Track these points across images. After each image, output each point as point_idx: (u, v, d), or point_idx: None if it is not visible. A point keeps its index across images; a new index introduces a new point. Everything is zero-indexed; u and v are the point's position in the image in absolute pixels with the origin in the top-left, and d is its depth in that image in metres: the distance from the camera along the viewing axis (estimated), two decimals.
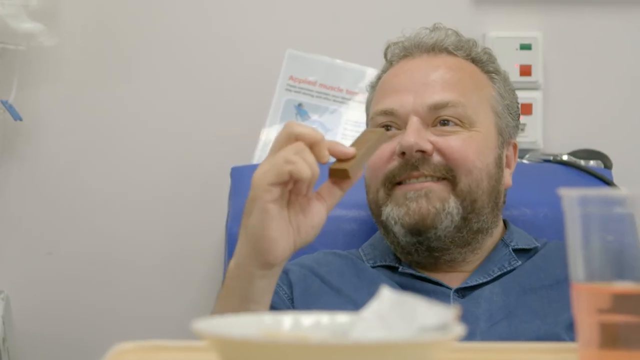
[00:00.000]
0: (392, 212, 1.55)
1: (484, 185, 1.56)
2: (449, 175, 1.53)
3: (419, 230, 1.53)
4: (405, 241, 1.55)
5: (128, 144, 2.19)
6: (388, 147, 1.55)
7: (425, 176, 1.53)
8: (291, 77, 2.11)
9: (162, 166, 2.18)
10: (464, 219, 1.54)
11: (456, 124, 1.56)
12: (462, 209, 1.53)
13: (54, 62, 2.16)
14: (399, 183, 1.55)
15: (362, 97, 1.85)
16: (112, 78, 2.18)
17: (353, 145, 1.30)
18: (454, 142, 1.55)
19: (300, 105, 2.09)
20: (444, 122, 1.55)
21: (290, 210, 1.28)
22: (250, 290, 1.30)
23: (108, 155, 2.18)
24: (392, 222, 1.55)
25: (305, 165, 1.23)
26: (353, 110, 2.07)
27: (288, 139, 1.26)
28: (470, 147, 1.55)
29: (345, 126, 2.07)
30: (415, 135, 1.53)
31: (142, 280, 2.18)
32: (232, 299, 1.33)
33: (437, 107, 1.56)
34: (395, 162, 1.55)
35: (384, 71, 1.67)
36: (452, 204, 1.53)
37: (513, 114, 1.64)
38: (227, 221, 1.87)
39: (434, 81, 1.58)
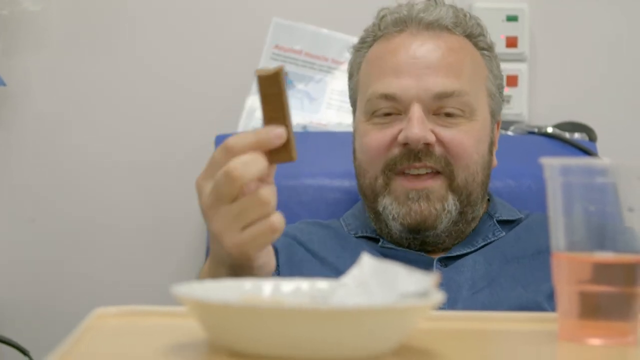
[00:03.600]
0: (391, 206, 1.53)
1: (479, 177, 1.55)
2: (447, 169, 1.52)
3: (419, 230, 1.53)
4: (399, 235, 1.55)
5: (112, 110, 2.18)
6: (388, 133, 1.52)
7: (427, 167, 1.51)
8: (276, 46, 2.10)
9: (146, 134, 2.17)
10: (461, 213, 1.54)
11: (458, 115, 1.53)
12: (459, 203, 1.53)
13: (38, 27, 2.15)
14: (399, 172, 1.53)
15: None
16: (96, 44, 2.17)
17: (265, 110, 1.13)
18: (456, 134, 1.52)
19: (285, 74, 2.08)
20: (447, 114, 1.53)
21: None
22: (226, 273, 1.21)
23: (92, 122, 2.17)
24: (390, 217, 1.53)
25: (245, 173, 1.11)
26: (338, 79, 2.07)
27: (225, 156, 1.16)
28: (470, 140, 1.53)
29: (331, 95, 2.07)
30: (420, 127, 1.49)
31: (124, 247, 2.18)
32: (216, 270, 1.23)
33: (441, 97, 1.52)
34: (395, 150, 1.52)
35: (372, 36, 1.60)
36: (451, 202, 1.52)
37: (501, 91, 1.63)
38: None
39: (437, 65, 1.53)
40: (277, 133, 1.11)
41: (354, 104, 1.63)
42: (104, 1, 2.16)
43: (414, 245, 1.55)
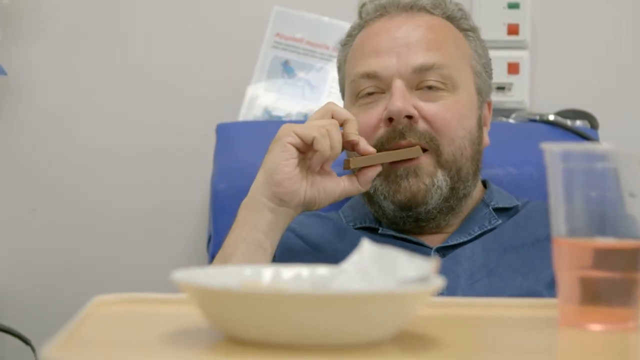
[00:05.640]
0: (381, 186, 1.54)
1: (468, 152, 1.55)
2: (432, 144, 1.52)
3: (410, 207, 1.53)
4: (393, 215, 1.55)
5: (113, 100, 2.17)
6: (375, 114, 1.54)
7: (412, 144, 1.51)
8: (278, 34, 2.09)
9: (147, 123, 2.17)
10: (452, 188, 1.54)
11: (440, 85, 1.54)
12: (450, 179, 1.53)
13: (39, 17, 2.14)
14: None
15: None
16: (97, 34, 2.17)
17: (383, 150, 1.48)
18: (439, 109, 1.53)
19: (286, 62, 2.08)
20: (429, 87, 1.54)
21: (307, 170, 1.44)
22: (258, 219, 1.43)
23: (93, 112, 2.17)
24: (381, 197, 1.54)
25: (328, 144, 1.40)
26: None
27: (325, 113, 1.45)
28: (453, 114, 1.53)
29: (332, 84, 2.06)
30: (402, 100, 1.51)
31: (126, 236, 2.18)
32: (242, 227, 1.43)
33: (421, 70, 1.54)
34: (382, 130, 1.53)
35: (356, 29, 1.64)
36: (440, 177, 1.52)
37: (489, 72, 1.63)
38: (212, 178, 1.86)
39: (417, 42, 1.56)
40: (368, 148, 1.45)
41: (343, 95, 1.64)
42: None
43: (408, 223, 1.55)
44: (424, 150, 1.52)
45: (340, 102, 2.08)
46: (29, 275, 2.18)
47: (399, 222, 1.56)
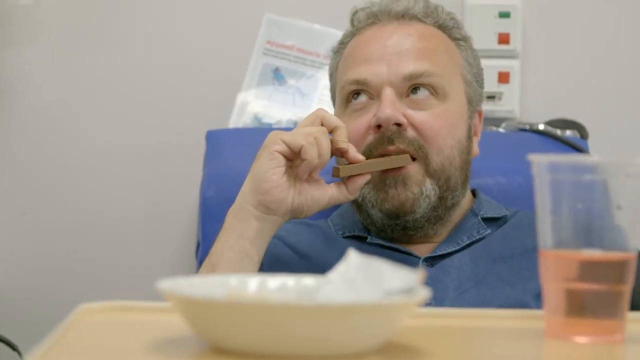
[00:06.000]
0: (369, 194, 1.53)
1: (457, 161, 1.55)
2: (420, 152, 1.52)
3: (398, 215, 1.53)
4: (381, 223, 1.55)
5: (104, 105, 2.17)
6: (364, 121, 1.53)
7: (400, 150, 1.51)
8: (269, 41, 2.09)
9: (138, 128, 2.17)
10: (440, 197, 1.53)
11: (430, 94, 1.54)
12: (438, 188, 1.53)
13: (30, 21, 2.14)
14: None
15: None
16: (88, 39, 2.16)
17: (372, 158, 1.48)
18: (427, 117, 1.53)
19: (277, 69, 2.08)
20: (416, 89, 1.54)
21: (295, 177, 1.44)
22: (245, 228, 1.43)
23: (84, 117, 2.17)
24: (369, 205, 1.54)
25: (316, 152, 1.39)
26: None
27: (314, 119, 1.45)
28: (442, 123, 1.53)
29: (323, 92, 2.06)
30: (391, 108, 1.51)
31: (116, 244, 2.17)
32: (229, 235, 1.44)
33: (411, 78, 1.54)
34: (371, 137, 1.53)
35: (348, 36, 1.64)
36: (429, 186, 1.52)
37: (480, 81, 1.63)
38: (201, 184, 1.86)
39: (408, 50, 1.56)
40: (357, 156, 1.45)
41: (334, 102, 1.64)
42: None
43: (396, 232, 1.55)
44: (413, 158, 1.52)
45: (331, 110, 2.08)
46: (17, 281, 2.17)
47: (387, 231, 1.56)
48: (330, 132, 1.45)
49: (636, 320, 1.03)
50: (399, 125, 1.51)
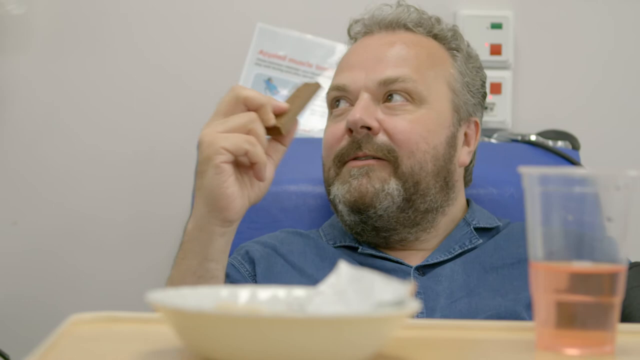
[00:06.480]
0: (337, 190, 1.56)
1: (429, 167, 1.55)
2: (390, 156, 1.53)
3: (359, 208, 1.53)
4: (350, 220, 1.56)
5: (95, 112, 2.17)
6: (340, 126, 1.56)
7: (367, 156, 1.53)
8: (261, 52, 2.09)
9: (130, 135, 2.17)
10: (407, 200, 1.54)
11: (406, 99, 1.55)
12: (404, 190, 1.53)
13: (21, 31, 2.14)
14: (346, 162, 1.56)
15: (332, 72, 1.85)
16: (79, 48, 2.16)
17: (288, 100, 1.34)
18: (400, 122, 1.54)
19: (269, 79, 2.08)
20: (390, 96, 1.55)
21: (240, 168, 1.32)
22: (209, 249, 1.33)
23: (74, 125, 2.17)
24: (337, 201, 1.56)
25: (261, 149, 1.28)
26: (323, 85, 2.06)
27: (236, 102, 1.31)
28: (416, 128, 1.54)
29: (314, 102, 2.06)
30: (361, 111, 1.53)
31: (107, 251, 2.17)
32: (191, 260, 1.35)
33: (386, 83, 1.56)
34: (344, 141, 1.55)
35: (346, 47, 1.68)
36: (393, 186, 1.53)
37: (474, 91, 1.63)
38: (193, 192, 1.86)
39: (387, 57, 1.58)
40: (281, 106, 1.30)
41: None
42: (87, 6, 2.16)
43: (367, 232, 1.56)
44: (382, 159, 1.52)
45: (321, 121, 2.09)
46: (8, 290, 2.17)
47: (359, 232, 1.56)
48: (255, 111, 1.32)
49: (626, 332, 1.03)
50: (369, 129, 1.53)
